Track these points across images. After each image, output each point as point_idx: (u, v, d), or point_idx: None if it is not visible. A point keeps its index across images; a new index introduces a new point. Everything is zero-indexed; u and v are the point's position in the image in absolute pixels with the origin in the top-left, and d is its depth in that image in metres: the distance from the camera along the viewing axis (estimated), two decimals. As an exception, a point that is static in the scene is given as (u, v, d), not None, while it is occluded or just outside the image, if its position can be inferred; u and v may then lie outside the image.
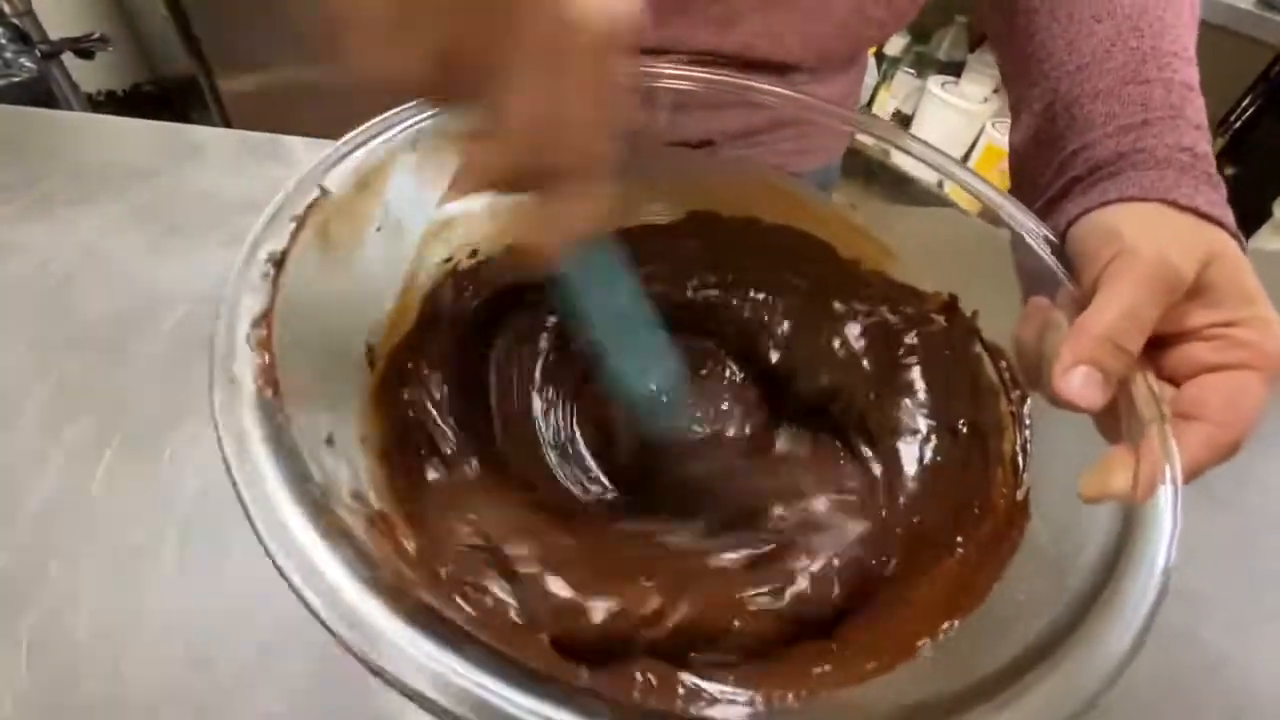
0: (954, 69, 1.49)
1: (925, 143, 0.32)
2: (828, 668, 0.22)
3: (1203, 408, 0.22)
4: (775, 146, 0.44)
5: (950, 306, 0.31)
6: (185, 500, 0.32)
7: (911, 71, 1.54)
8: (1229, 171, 1.29)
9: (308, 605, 0.14)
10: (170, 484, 0.32)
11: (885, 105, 1.60)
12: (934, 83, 1.48)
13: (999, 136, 1.39)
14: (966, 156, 1.51)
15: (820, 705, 0.21)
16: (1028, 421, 0.27)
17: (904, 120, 1.57)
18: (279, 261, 0.20)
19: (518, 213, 0.21)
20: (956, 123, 1.47)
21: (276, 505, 0.15)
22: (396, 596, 0.15)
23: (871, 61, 1.54)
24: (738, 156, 0.39)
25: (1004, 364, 0.29)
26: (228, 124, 1.22)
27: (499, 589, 0.23)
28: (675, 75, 0.32)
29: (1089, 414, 0.22)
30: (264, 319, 0.18)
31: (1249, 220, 1.24)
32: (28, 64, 1.04)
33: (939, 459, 0.30)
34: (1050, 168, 0.30)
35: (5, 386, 0.36)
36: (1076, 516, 0.21)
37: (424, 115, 0.25)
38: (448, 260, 0.31)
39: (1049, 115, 0.31)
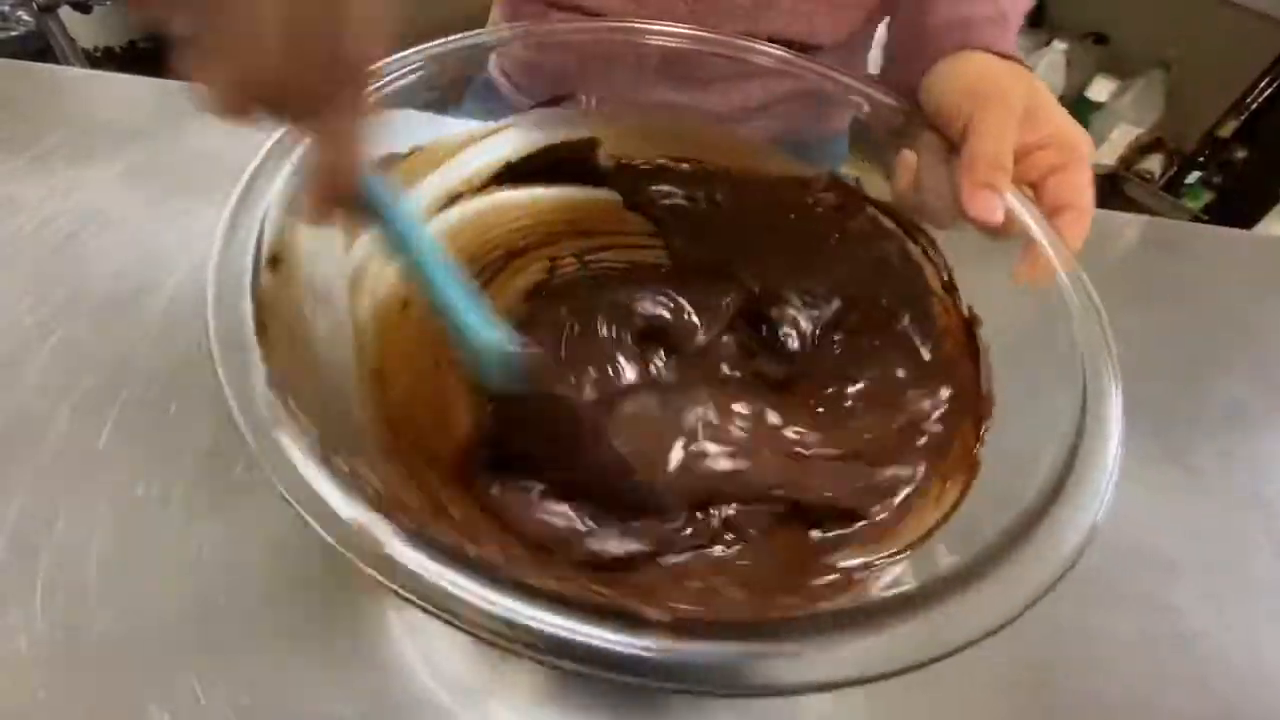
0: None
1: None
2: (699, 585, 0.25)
3: (1065, 198, 0.29)
4: (795, 114, 0.45)
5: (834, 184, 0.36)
6: (191, 455, 0.33)
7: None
8: (1239, 154, 1.27)
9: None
10: (177, 438, 0.33)
11: (895, 78, 1.57)
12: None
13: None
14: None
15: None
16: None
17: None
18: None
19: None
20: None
21: None
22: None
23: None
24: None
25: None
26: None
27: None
28: (664, 33, 0.33)
29: (990, 233, 0.28)
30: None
31: (1257, 204, 1.22)
32: (25, 17, 1.03)
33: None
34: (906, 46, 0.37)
35: (9, 344, 0.36)
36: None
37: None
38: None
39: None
